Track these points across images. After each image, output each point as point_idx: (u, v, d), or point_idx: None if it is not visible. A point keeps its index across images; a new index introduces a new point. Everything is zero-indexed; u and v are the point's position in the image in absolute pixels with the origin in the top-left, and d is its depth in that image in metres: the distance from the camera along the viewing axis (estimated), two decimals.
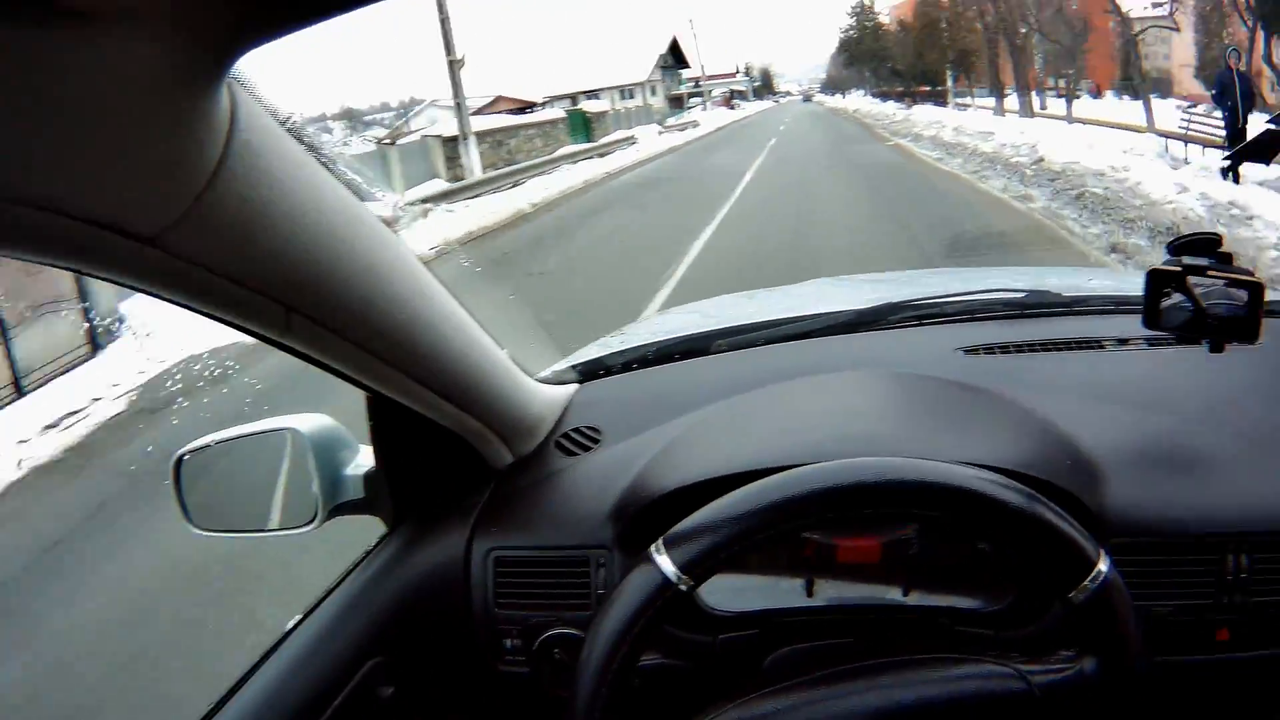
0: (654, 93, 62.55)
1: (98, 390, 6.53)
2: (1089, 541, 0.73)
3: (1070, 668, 0.74)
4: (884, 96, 53.41)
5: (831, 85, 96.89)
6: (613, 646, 0.73)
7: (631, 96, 58.95)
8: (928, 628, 0.94)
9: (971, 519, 0.73)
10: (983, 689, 0.74)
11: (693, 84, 74.43)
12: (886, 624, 0.94)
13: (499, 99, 48.37)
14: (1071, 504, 0.88)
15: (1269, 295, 0.95)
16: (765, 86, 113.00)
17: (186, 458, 1.02)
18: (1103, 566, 0.72)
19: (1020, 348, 1.20)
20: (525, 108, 46.55)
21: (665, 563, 0.72)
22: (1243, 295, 0.95)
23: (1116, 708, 0.74)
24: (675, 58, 69.62)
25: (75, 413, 6.16)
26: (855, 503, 0.73)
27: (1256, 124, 10.54)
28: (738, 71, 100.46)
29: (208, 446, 1.03)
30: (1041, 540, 0.72)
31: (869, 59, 61.23)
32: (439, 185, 18.16)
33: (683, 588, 0.72)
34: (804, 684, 0.77)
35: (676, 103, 62.64)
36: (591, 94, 54.51)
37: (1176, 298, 0.97)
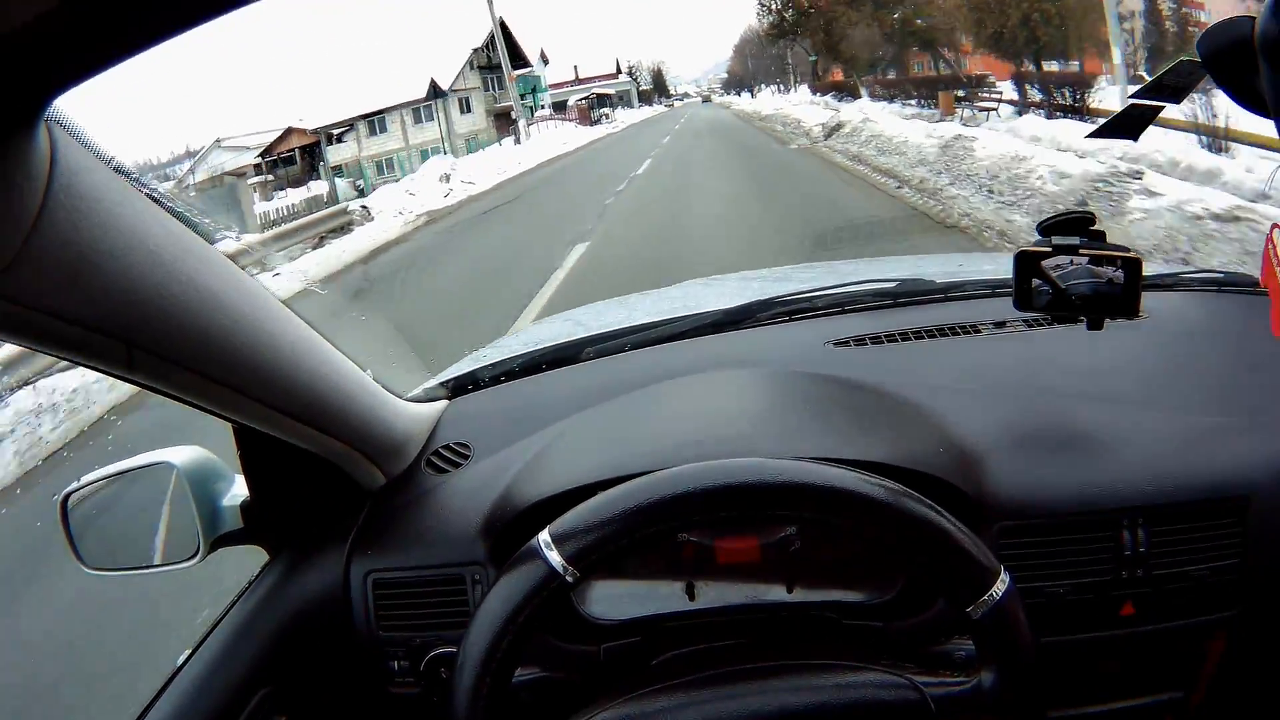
0: (466, 108, 44.39)
1: None
2: (988, 559, 0.73)
3: (966, 681, 0.74)
4: (815, 90, 38.81)
5: (736, 83, 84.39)
6: (496, 636, 0.72)
7: (427, 118, 43.08)
8: (815, 625, 0.93)
9: (870, 528, 0.72)
10: (877, 698, 0.74)
11: (531, 88, 49.71)
12: (772, 623, 0.94)
13: (290, 131, 41.99)
14: (950, 493, 0.89)
15: (1148, 270, 0.96)
16: (657, 89, 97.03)
17: (72, 498, 1.02)
18: (1001, 584, 0.72)
19: (892, 337, 1.20)
20: (314, 143, 40.62)
21: (552, 554, 0.71)
22: (1109, 272, 0.95)
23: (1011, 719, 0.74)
24: (512, 55, 46.13)
25: None
26: (750, 503, 0.72)
27: None
28: (619, 72, 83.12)
29: (91, 484, 1.03)
30: (941, 555, 0.72)
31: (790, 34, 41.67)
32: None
33: (569, 579, 0.71)
34: (692, 683, 0.77)
35: (504, 122, 43.32)
36: (376, 117, 42.45)
37: (1040, 280, 0.98)
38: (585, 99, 64.52)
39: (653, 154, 22.17)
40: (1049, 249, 0.98)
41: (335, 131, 42.81)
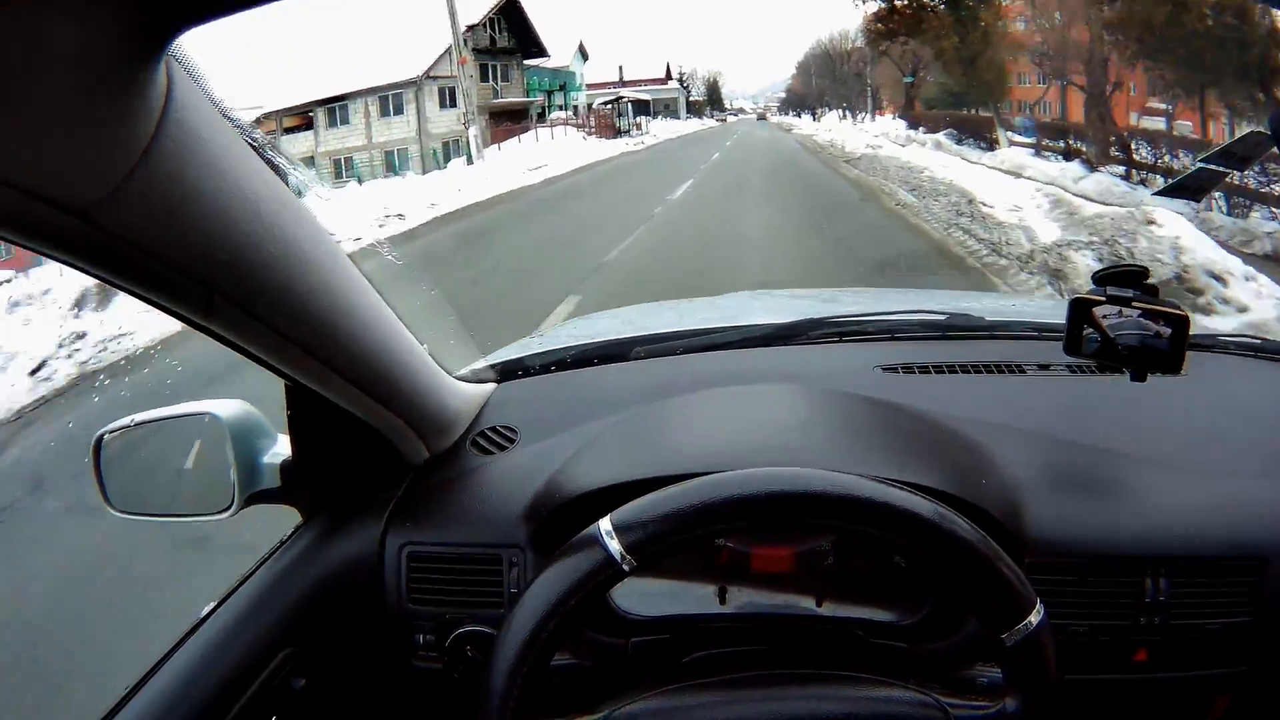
0: (448, 101, 30.35)
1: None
2: (1027, 588, 0.75)
3: (990, 707, 0.76)
4: (916, 123, 30.16)
5: (796, 103, 78.61)
6: (546, 616, 0.73)
7: (397, 110, 31.42)
8: (841, 639, 0.95)
9: (921, 547, 0.74)
10: (904, 714, 0.75)
11: (558, 85, 41.71)
12: (799, 634, 0.95)
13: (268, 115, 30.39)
14: (987, 522, 0.90)
15: (1193, 329, 0.98)
16: (710, 101, 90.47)
17: (106, 438, 1.02)
18: (1036, 614, 0.74)
19: (940, 368, 1.22)
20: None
21: (612, 542, 0.73)
22: (1157, 327, 0.97)
23: None
24: (516, 35, 35.64)
25: None
26: (815, 512, 0.73)
27: None
28: (669, 77, 73.29)
29: (128, 427, 1.03)
30: (983, 579, 0.74)
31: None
32: None
33: (625, 568, 0.73)
34: (723, 683, 0.79)
35: (509, 122, 33.29)
36: (337, 104, 31.53)
37: (1090, 328, 1.00)
38: (610, 104, 46.87)
39: (687, 189, 15.44)
40: (1103, 298, 0.99)
41: (288, 121, 32.42)
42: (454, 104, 29.07)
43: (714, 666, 0.84)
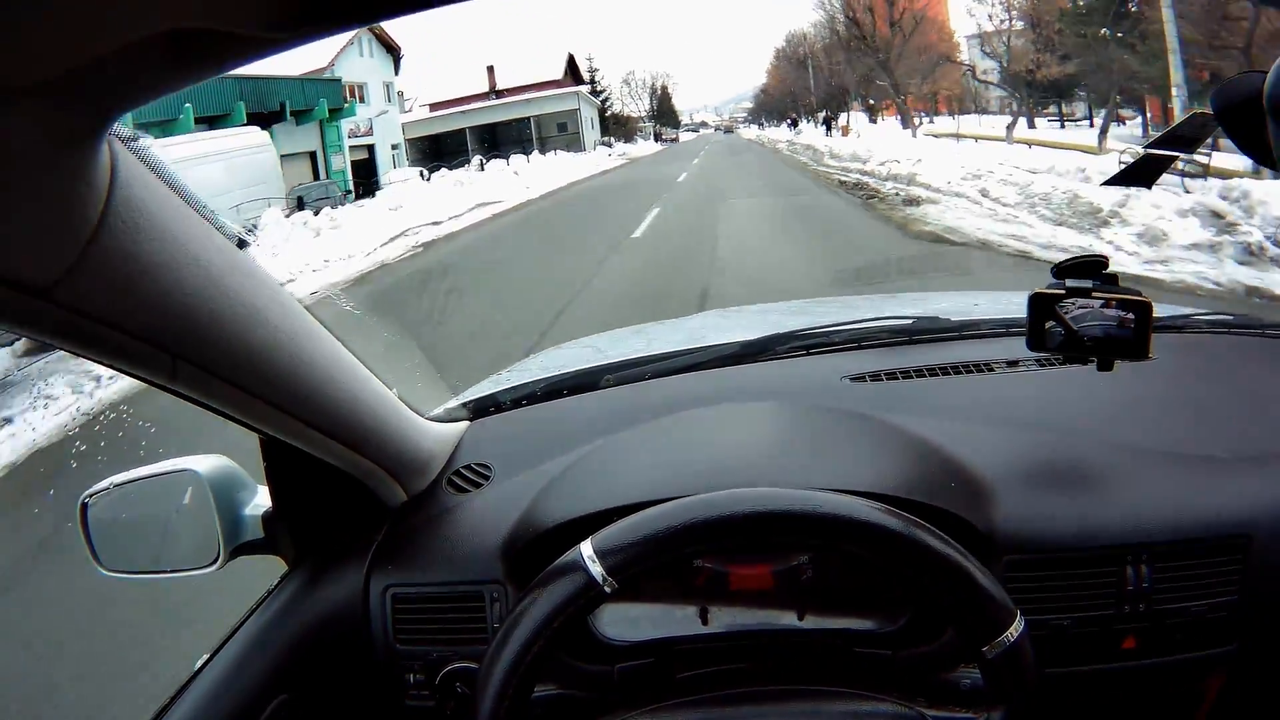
0: None
1: None
2: (1006, 601, 0.76)
3: (974, 718, 0.78)
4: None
5: (766, 111, 68.07)
6: (530, 639, 0.75)
7: None
8: (824, 651, 0.96)
9: (905, 567, 0.76)
10: None
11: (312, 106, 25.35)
12: (783, 649, 0.96)
13: None
14: (958, 525, 0.92)
15: (1156, 312, 0.99)
16: (658, 114, 70.95)
17: (90, 500, 1.04)
18: (1016, 627, 0.75)
19: (908, 373, 1.23)
20: None
21: (594, 566, 0.75)
22: (1120, 315, 0.98)
23: None
24: None
25: None
26: (783, 530, 0.75)
27: None
28: (572, 79, 50.96)
29: (110, 489, 1.04)
30: (963, 594, 0.75)
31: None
32: None
33: (607, 589, 0.74)
34: (708, 701, 0.81)
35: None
36: None
37: (1053, 322, 1.01)
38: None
39: None
40: (1063, 290, 1.01)
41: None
42: None
43: (700, 685, 0.85)
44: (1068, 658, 0.93)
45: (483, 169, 28.69)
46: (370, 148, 32.39)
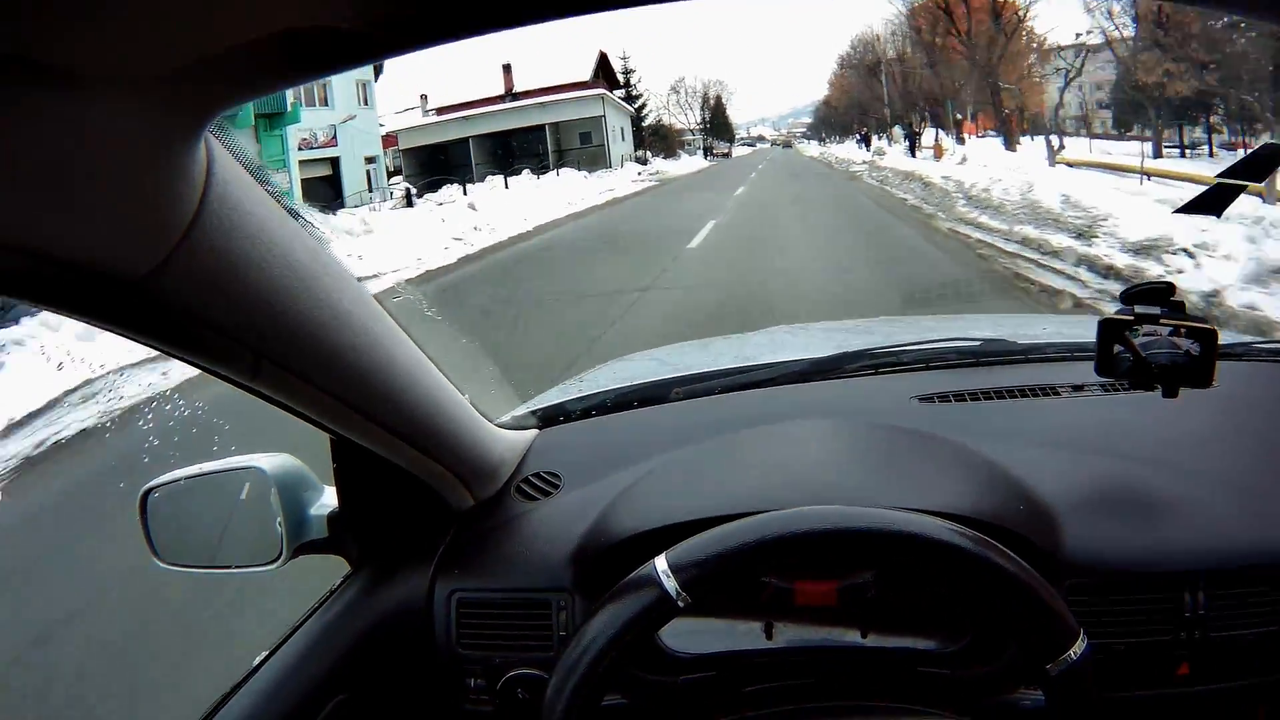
0: None
1: None
2: (1069, 619, 0.77)
3: None
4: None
5: (828, 125, 60.91)
6: (602, 651, 0.75)
7: None
8: (887, 669, 0.97)
9: (963, 580, 0.77)
10: None
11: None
12: (845, 666, 0.97)
13: None
14: (1023, 546, 0.91)
15: (1222, 340, 1.00)
16: (712, 127, 63.17)
17: (154, 493, 1.04)
18: (1080, 644, 0.76)
19: (976, 395, 1.23)
20: None
21: (669, 581, 0.75)
22: (1187, 343, 0.99)
23: None
24: None
25: None
26: (855, 548, 0.76)
27: None
28: (605, 81, 43.57)
29: (175, 482, 1.05)
30: (1027, 610, 0.76)
31: None
32: None
33: (680, 604, 0.75)
34: (776, 715, 0.82)
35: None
36: None
37: (1121, 347, 1.02)
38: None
39: None
40: (1131, 317, 1.01)
41: None
42: None
43: (763, 700, 0.88)
44: (1124, 683, 0.93)
45: (412, 202, 22.46)
46: (334, 161, 27.12)
